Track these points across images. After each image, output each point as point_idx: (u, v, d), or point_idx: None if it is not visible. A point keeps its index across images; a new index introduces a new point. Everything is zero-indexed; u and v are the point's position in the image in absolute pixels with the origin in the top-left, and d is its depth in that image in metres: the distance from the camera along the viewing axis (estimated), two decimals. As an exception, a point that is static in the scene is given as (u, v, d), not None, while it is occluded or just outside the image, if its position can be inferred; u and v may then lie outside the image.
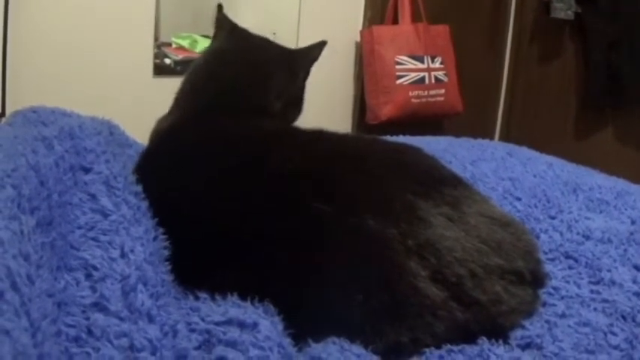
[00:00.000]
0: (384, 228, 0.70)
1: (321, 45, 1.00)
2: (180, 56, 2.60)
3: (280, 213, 0.72)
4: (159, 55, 2.64)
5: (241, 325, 0.59)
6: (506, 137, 3.26)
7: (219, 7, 1.03)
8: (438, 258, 0.70)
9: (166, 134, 0.88)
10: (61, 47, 2.39)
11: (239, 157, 0.79)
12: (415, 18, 2.86)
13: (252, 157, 0.78)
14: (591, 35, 3.07)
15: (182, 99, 0.95)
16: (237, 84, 0.93)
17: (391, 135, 1.65)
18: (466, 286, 0.70)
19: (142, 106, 0.91)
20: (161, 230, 0.72)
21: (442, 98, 2.85)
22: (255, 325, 0.59)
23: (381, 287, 0.68)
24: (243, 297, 0.66)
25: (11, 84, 2.29)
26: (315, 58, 1.00)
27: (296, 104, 1.01)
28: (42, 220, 0.62)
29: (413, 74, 2.79)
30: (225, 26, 1.02)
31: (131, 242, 0.64)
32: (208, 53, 1.02)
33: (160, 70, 2.57)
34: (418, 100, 2.79)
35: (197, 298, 0.67)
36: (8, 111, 2.22)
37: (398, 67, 2.77)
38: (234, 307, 0.63)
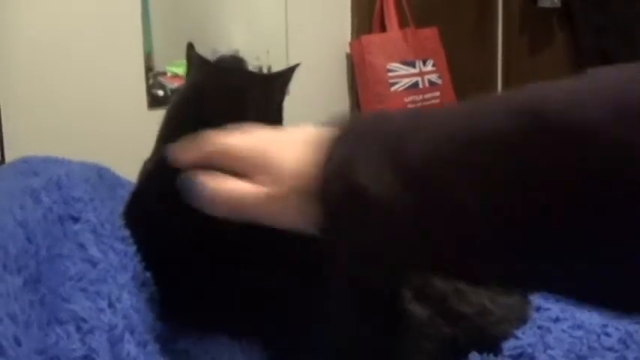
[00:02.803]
0: None
1: (293, 68, 1.01)
2: (176, 84, 2.62)
3: (267, 248, 0.72)
4: (155, 85, 2.65)
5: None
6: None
7: (190, 46, 1.03)
8: (421, 276, 0.70)
9: (151, 176, 0.88)
10: (52, 84, 2.40)
11: None
12: (402, 23, 2.87)
13: None
14: (579, 22, 3.07)
15: (163, 139, 0.95)
16: (214, 118, 0.93)
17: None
18: (451, 301, 0.70)
19: (138, 140, 0.92)
20: (148, 274, 0.73)
21: (438, 101, 2.86)
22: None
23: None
24: (231, 336, 0.67)
25: (7, 126, 2.30)
26: (288, 80, 1.00)
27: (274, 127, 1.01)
28: (29, 278, 0.62)
29: (406, 80, 2.80)
30: (195, 63, 1.03)
31: (117, 291, 0.65)
32: (183, 92, 1.03)
33: (156, 101, 2.59)
34: (414, 105, 2.80)
35: (187, 339, 0.68)
36: (7, 155, 2.24)
37: (390, 74, 2.78)
38: (222, 349, 0.64)
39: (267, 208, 0.54)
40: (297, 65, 1.02)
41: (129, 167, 1.07)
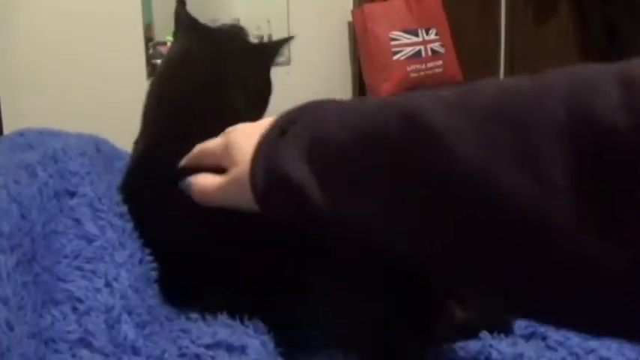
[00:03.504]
0: None
1: (284, 40, 0.97)
2: (175, 54, 2.58)
3: (272, 227, 0.69)
4: (155, 54, 2.63)
5: (229, 348, 0.58)
6: (509, 102, 3.22)
7: (180, 2, 0.99)
8: None
9: (143, 154, 0.86)
10: (52, 56, 2.39)
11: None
12: (405, -9, 2.83)
13: None
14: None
15: (149, 113, 0.92)
16: (197, 88, 0.90)
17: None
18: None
19: (138, 110, 0.90)
20: (148, 251, 0.71)
21: (440, 70, 2.83)
22: (243, 348, 0.58)
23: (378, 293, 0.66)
24: (233, 315, 0.65)
25: (4, 96, 2.28)
26: (275, 52, 0.96)
27: (260, 99, 0.98)
28: (23, 257, 0.60)
29: (409, 49, 2.77)
30: (183, 24, 0.99)
31: (115, 270, 0.63)
32: (168, 60, 0.99)
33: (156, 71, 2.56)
34: (417, 74, 2.77)
35: (188, 318, 0.66)
36: (5, 126, 2.22)
37: (393, 43, 2.74)
38: (223, 328, 0.62)
39: (223, 194, 0.65)
40: (289, 38, 0.99)
41: (129, 137, 1.05)
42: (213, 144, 0.70)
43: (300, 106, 0.63)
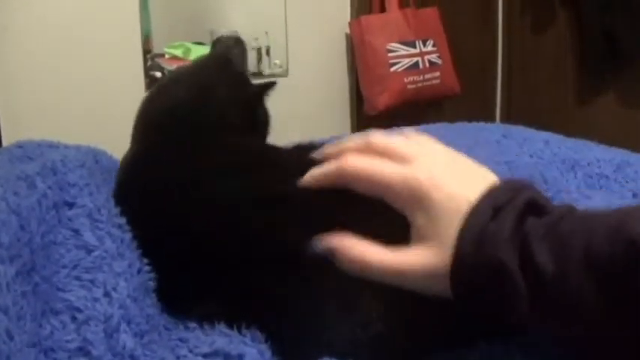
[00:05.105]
0: None
1: (269, 85, 0.97)
2: (174, 66, 2.59)
3: (276, 241, 0.69)
4: (153, 66, 2.63)
5: (227, 356, 0.59)
6: (507, 111, 3.23)
7: (239, 41, 1.00)
8: None
9: (133, 165, 0.87)
10: (50, 67, 2.40)
11: (215, 181, 0.77)
12: (402, 3, 2.85)
13: (230, 180, 0.76)
14: (582, 1, 3.03)
15: (138, 125, 0.93)
16: (181, 104, 0.91)
17: (388, 124, 1.63)
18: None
19: None
20: (146, 261, 0.71)
21: (438, 81, 2.84)
22: (240, 356, 0.59)
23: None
24: (230, 324, 0.65)
25: (2, 107, 2.29)
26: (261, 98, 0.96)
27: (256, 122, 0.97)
28: (22, 267, 0.61)
29: (406, 60, 2.78)
30: (213, 54, 0.99)
31: (113, 279, 0.64)
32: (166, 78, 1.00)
33: (154, 83, 2.57)
34: (414, 86, 2.78)
35: (187, 327, 0.67)
36: (4, 138, 2.23)
37: (390, 54, 2.76)
38: (221, 337, 0.63)
39: (403, 275, 0.58)
40: (273, 83, 0.98)
41: (126, 150, 1.06)
42: (391, 174, 0.60)
43: (511, 184, 0.60)
